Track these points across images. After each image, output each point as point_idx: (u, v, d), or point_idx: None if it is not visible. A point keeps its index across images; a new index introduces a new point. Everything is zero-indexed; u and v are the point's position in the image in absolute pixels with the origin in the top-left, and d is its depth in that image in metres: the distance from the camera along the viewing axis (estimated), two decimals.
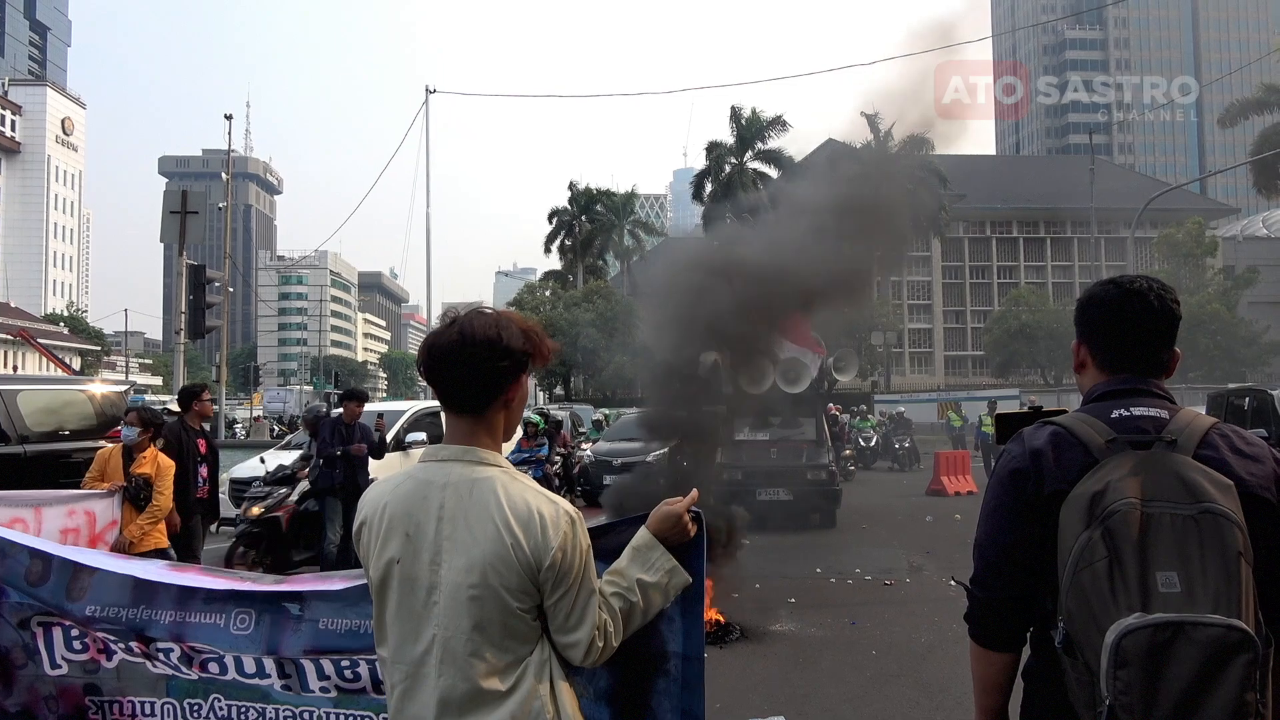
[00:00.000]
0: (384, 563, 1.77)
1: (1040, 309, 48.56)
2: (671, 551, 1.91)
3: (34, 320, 67.29)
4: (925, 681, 5.84)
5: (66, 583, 2.55)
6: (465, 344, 1.75)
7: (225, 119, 31.50)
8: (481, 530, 1.71)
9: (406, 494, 1.79)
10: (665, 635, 2.08)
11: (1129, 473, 1.57)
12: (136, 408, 6.89)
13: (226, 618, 2.46)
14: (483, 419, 1.80)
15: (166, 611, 2.49)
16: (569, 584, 1.73)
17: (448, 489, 1.75)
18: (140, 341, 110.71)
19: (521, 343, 1.80)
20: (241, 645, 2.44)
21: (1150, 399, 1.73)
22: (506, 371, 1.78)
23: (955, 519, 12.91)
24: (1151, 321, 1.76)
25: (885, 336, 50.84)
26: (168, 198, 13.67)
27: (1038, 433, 1.75)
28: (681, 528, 1.93)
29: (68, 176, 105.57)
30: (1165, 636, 1.43)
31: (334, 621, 2.39)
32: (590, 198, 54.20)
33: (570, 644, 1.76)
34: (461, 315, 1.81)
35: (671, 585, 1.90)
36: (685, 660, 2.09)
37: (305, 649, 2.41)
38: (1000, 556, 1.74)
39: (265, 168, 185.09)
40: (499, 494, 1.73)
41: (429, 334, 1.86)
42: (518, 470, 1.83)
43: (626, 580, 1.85)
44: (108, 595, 2.53)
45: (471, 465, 1.77)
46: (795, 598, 8.18)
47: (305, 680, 2.44)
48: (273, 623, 2.44)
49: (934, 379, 67.07)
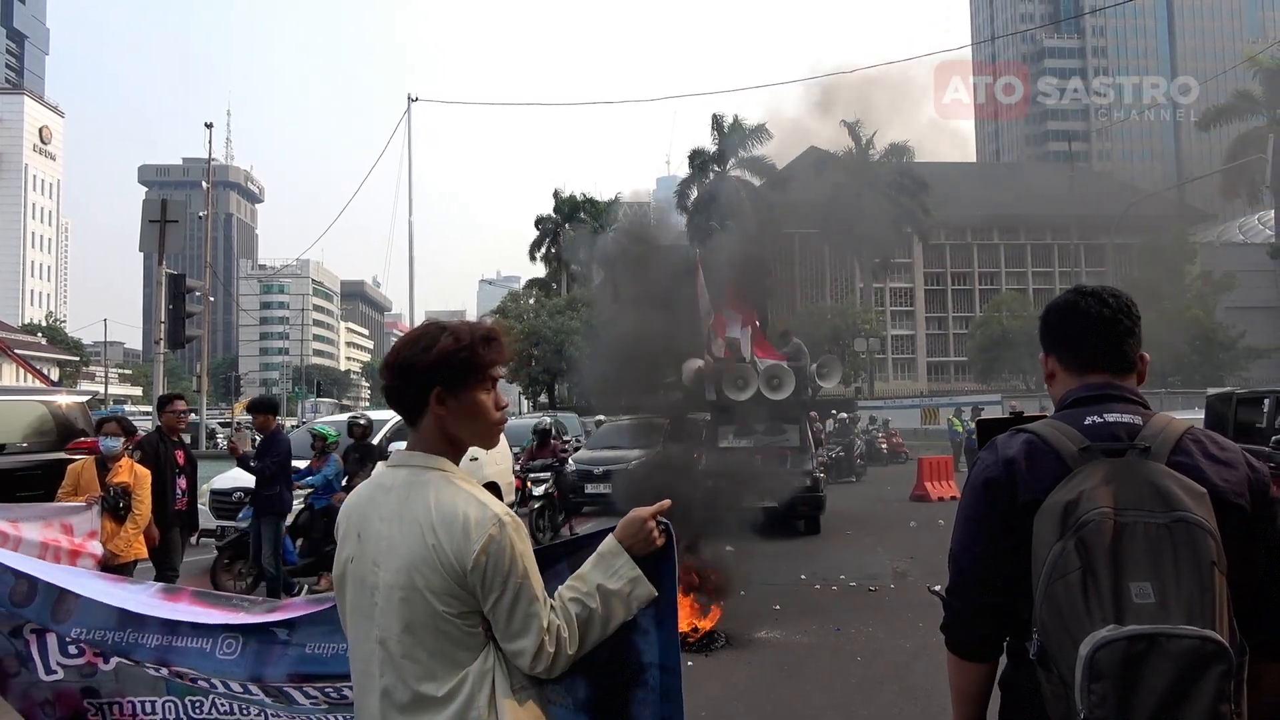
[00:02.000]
0: (341, 562, 1.84)
1: (1022, 314, 48.91)
2: (640, 563, 1.87)
3: (11, 330, 66.42)
4: (910, 687, 5.85)
5: (52, 604, 2.53)
6: (386, 363, 1.87)
7: (206, 127, 31.43)
8: (410, 531, 1.72)
9: (364, 497, 1.86)
10: (640, 647, 2.06)
11: (1102, 481, 1.56)
12: (116, 417, 6.84)
13: (213, 643, 2.45)
14: (418, 430, 1.84)
15: (153, 636, 2.47)
16: (503, 588, 1.70)
17: (392, 491, 1.79)
18: (120, 351, 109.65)
19: (432, 357, 1.79)
20: (228, 669, 2.42)
21: (1123, 404, 1.72)
22: (420, 391, 1.80)
23: (939, 524, 12.96)
24: (1110, 313, 1.77)
25: (868, 342, 51.10)
26: (147, 207, 13.57)
27: (1011, 441, 1.74)
28: (646, 535, 1.88)
29: (46, 185, 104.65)
30: (1139, 649, 1.43)
31: (321, 645, 2.38)
32: (574, 205, 54.22)
33: (516, 651, 1.74)
34: (412, 330, 1.91)
35: (634, 595, 1.85)
36: (662, 670, 2.08)
37: (290, 674, 2.39)
38: (974, 566, 1.73)
39: (246, 176, 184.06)
40: (430, 497, 1.74)
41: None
42: (463, 477, 1.81)
43: (587, 585, 1.83)
44: (93, 619, 2.50)
45: (416, 469, 1.80)
46: (780, 605, 8.18)
47: (293, 700, 2.43)
48: (259, 649, 2.42)
49: (917, 385, 67.37)
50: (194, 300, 15.60)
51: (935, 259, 72.62)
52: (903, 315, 73.95)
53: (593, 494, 14.52)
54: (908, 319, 74.24)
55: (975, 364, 54.52)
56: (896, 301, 73.36)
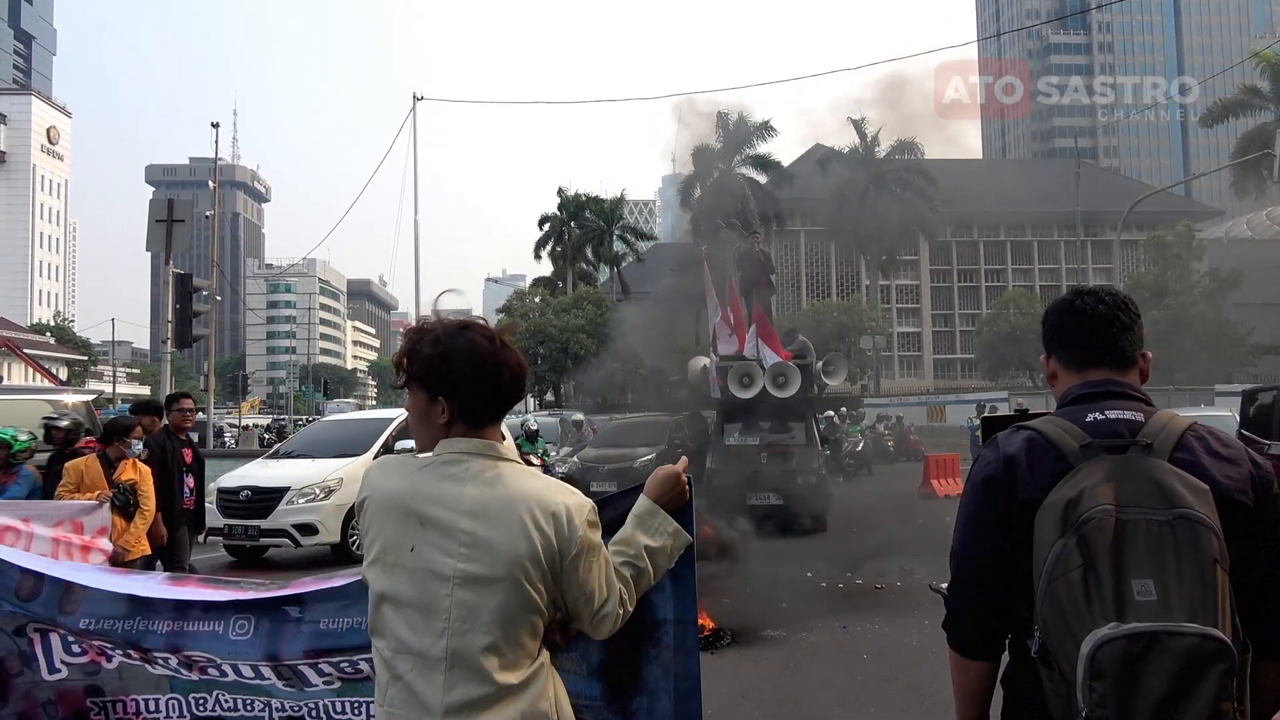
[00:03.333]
0: (389, 550, 1.76)
1: (1029, 311, 48.76)
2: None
3: (20, 330, 66.74)
4: (917, 685, 5.84)
5: (59, 597, 2.53)
6: (500, 363, 1.83)
7: (212, 127, 31.39)
8: (509, 524, 1.72)
9: (420, 481, 1.78)
10: (656, 604, 2.10)
11: (1103, 478, 1.55)
12: (138, 422, 6.87)
13: (225, 624, 2.44)
14: (496, 424, 1.87)
15: (164, 622, 2.47)
16: (596, 568, 1.78)
17: (468, 482, 1.75)
18: (128, 351, 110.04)
19: (517, 354, 1.86)
20: (240, 651, 2.42)
21: (1125, 401, 1.71)
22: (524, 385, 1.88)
23: (946, 521, 12.91)
24: (1106, 309, 1.77)
25: (874, 340, 51.06)
26: (154, 206, 13.60)
27: (1011, 438, 1.73)
28: (680, 489, 1.98)
29: (53, 186, 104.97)
30: (1140, 647, 1.42)
31: (335, 620, 2.37)
32: (579, 204, 54.21)
33: (602, 617, 1.81)
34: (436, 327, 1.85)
35: (675, 547, 1.95)
36: (678, 625, 2.12)
37: (305, 650, 2.39)
38: (975, 565, 1.74)
39: (253, 176, 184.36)
40: (523, 488, 1.76)
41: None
42: None
43: (634, 548, 1.90)
44: (101, 609, 2.50)
45: (488, 459, 1.79)
46: (786, 602, 8.17)
47: (305, 679, 2.42)
48: (272, 628, 2.42)
49: (923, 382, 67.25)
50: (201, 299, 15.65)
51: (941, 256, 72.42)
52: (909, 312, 73.79)
53: (598, 492, 14.56)
54: (914, 316, 74.08)
55: (982, 361, 54.37)
56: (902, 299, 73.20)
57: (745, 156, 50.15)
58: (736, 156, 50.11)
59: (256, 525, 10.65)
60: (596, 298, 46.92)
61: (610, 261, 56.44)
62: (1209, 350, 38.98)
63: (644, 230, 64.25)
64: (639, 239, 58.99)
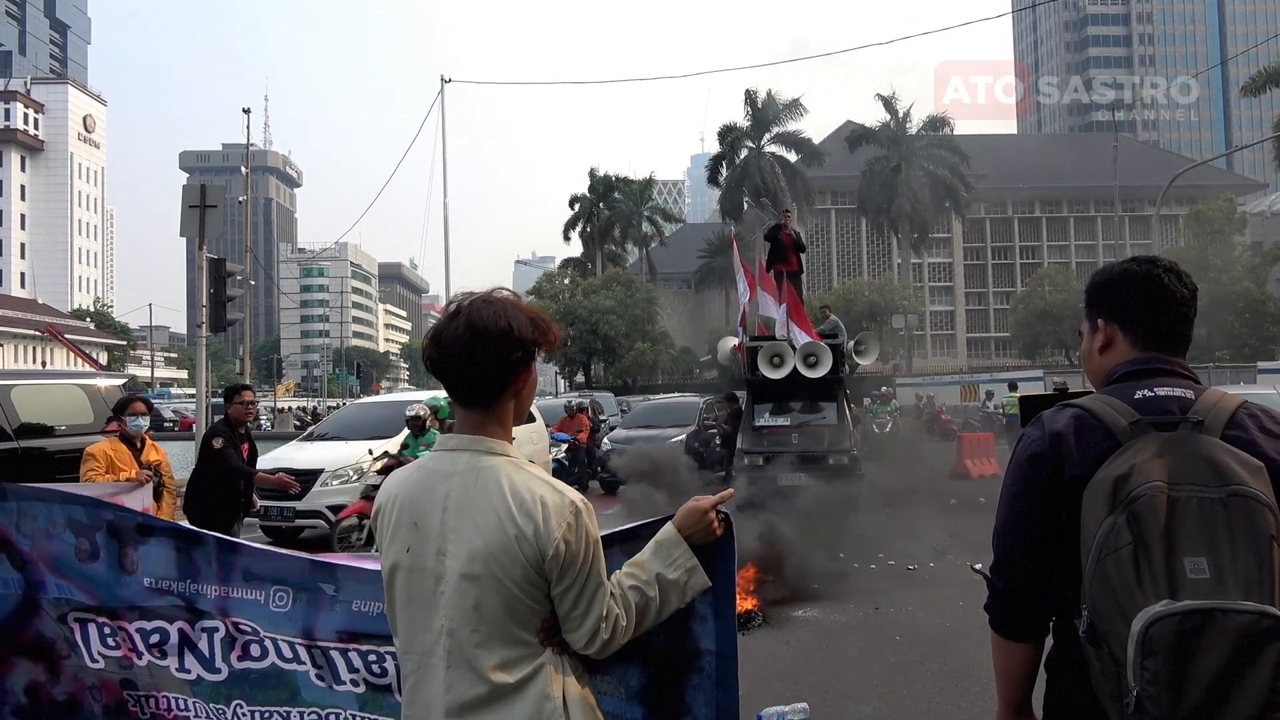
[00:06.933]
0: (393, 552, 1.77)
1: (1065, 289, 48.02)
2: (697, 551, 1.86)
3: (61, 316, 68.20)
4: (950, 667, 5.80)
5: (116, 557, 2.60)
6: (475, 337, 1.70)
7: (244, 113, 31.75)
8: (484, 520, 1.68)
9: (415, 483, 1.78)
10: (698, 634, 2.06)
11: (1154, 455, 1.52)
12: (140, 397, 6.93)
13: (266, 594, 2.51)
14: (493, 410, 1.77)
15: (212, 586, 2.55)
16: (575, 574, 1.70)
17: (454, 478, 1.73)
18: (165, 335, 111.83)
19: (530, 331, 1.75)
20: (281, 624, 2.48)
21: (1175, 378, 1.68)
22: (518, 363, 1.74)
23: (979, 502, 12.81)
24: (1187, 294, 1.73)
25: (906, 319, 50.54)
26: (187, 192, 13.69)
27: (1057, 415, 1.70)
28: (707, 525, 1.87)
29: (90, 173, 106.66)
30: (1194, 624, 1.39)
31: (368, 604, 2.41)
32: (609, 185, 54.13)
33: (574, 634, 1.74)
34: (466, 304, 1.75)
35: (690, 585, 1.85)
36: (719, 658, 2.08)
37: (339, 631, 2.43)
38: (1019, 544, 1.70)
39: (285, 161, 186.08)
40: (503, 483, 1.70)
41: (434, 325, 1.80)
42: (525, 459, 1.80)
43: (646, 574, 1.82)
44: (157, 568, 2.58)
45: (478, 455, 1.74)
46: (818, 584, 8.14)
47: (336, 671, 2.45)
48: (309, 600, 2.47)
49: (957, 361, 66.62)
50: (235, 284, 15.79)
51: (975, 233, 71.51)
52: (942, 291, 73.00)
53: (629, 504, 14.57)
54: (947, 294, 73.27)
55: (1017, 340, 53.68)
56: (935, 277, 72.45)
57: (774, 134, 49.66)
58: (766, 135, 49.64)
59: (292, 506, 10.78)
60: (626, 279, 46.91)
61: (640, 242, 56.37)
62: (1251, 327, 38.18)
63: (671, 212, 64.05)
64: (666, 220, 58.85)
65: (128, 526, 2.64)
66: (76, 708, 2.66)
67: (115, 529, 2.63)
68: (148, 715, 2.62)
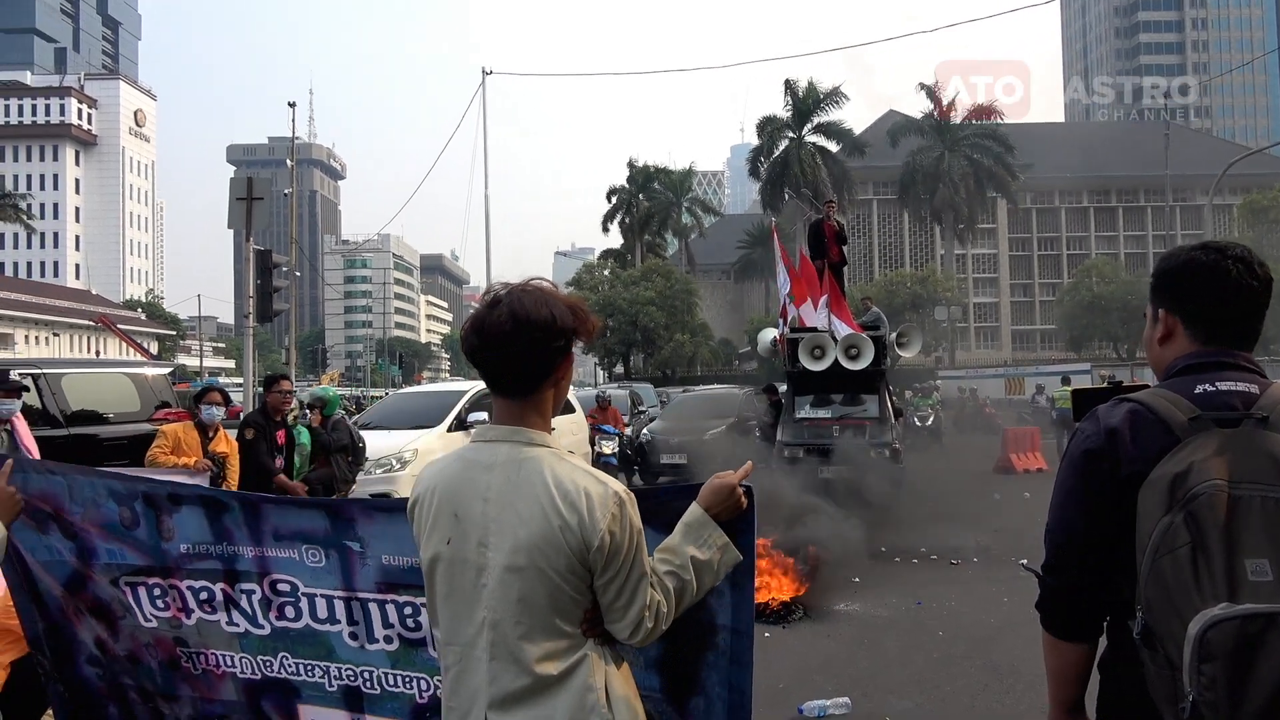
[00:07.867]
0: (433, 544, 1.77)
1: (1113, 280, 47.01)
2: (722, 526, 1.86)
3: (114, 307, 69.86)
4: (994, 664, 5.72)
5: (154, 524, 2.70)
6: (519, 326, 1.68)
7: (289, 107, 32.17)
8: (528, 511, 1.67)
9: (455, 475, 1.77)
10: (714, 608, 2.08)
11: (1214, 453, 1.47)
12: (217, 387, 7.09)
13: (300, 552, 2.57)
14: (532, 399, 1.77)
15: (248, 547, 2.63)
16: (619, 565, 1.69)
17: (495, 470, 1.72)
18: (214, 326, 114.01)
19: (571, 320, 1.75)
20: (321, 578, 2.54)
21: (1238, 373, 1.61)
22: (559, 351, 1.74)
23: (1024, 497, 12.62)
24: (1259, 285, 1.63)
25: (950, 311, 49.87)
26: (234, 185, 13.95)
27: (1113, 410, 1.64)
28: (735, 501, 1.87)
29: (141, 167, 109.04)
30: (1255, 629, 1.34)
31: (396, 558, 2.45)
32: (648, 175, 54.04)
33: (618, 624, 1.73)
34: (505, 293, 1.74)
35: (723, 562, 1.85)
36: (734, 634, 2.09)
37: (376, 583, 2.49)
38: (1073, 542, 1.65)
39: (329, 153, 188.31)
40: (545, 474, 1.69)
41: (474, 314, 1.79)
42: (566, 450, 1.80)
43: (679, 558, 1.80)
44: (193, 533, 2.67)
45: (519, 446, 1.73)
46: (859, 577, 8.09)
47: (371, 628, 2.51)
48: (341, 557, 2.53)
49: (1001, 354, 65.60)
50: (280, 275, 16.02)
51: (1020, 224, 70.28)
52: (986, 282, 71.87)
53: (668, 463, 14.59)
54: (991, 286, 72.12)
55: (1063, 332, 52.68)
56: (979, 268, 71.33)
57: (815, 125, 49.21)
58: (806, 125, 49.21)
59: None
60: (666, 270, 46.83)
61: (679, 233, 56.23)
62: None
63: (710, 204, 63.73)
64: (705, 211, 58.61)
65: (160, 495, 2.74)
66: (136, 660, 2.81)
67: (150, 499, 2.73)
68: (199, 670, 2.74)
